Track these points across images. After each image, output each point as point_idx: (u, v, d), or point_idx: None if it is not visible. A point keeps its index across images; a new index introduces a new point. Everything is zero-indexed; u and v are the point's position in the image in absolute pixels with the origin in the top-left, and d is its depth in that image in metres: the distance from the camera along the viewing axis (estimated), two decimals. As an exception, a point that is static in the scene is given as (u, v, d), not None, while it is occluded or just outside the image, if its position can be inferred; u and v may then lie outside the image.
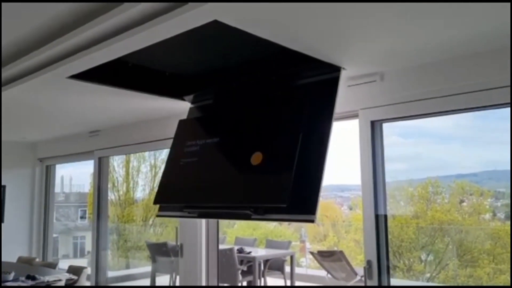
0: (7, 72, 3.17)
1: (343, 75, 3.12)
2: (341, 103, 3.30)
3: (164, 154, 11.86)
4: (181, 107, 4.17)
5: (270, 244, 8.01)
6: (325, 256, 6.51)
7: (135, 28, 2.25)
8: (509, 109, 2.67)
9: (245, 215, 2.85)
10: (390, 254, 3.20)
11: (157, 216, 3.56)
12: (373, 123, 3.18)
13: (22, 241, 6.53)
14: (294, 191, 2.60)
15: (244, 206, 2.82)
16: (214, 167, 3.24)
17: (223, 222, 14.36)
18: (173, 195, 3.43)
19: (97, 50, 2.52)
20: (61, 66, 2.82)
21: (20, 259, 5.79)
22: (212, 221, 4.33)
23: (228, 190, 3.02)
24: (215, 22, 2.10)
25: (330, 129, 2.74)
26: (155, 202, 3.58)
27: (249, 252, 6.76)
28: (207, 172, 3.27)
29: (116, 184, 11.79)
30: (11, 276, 4.39)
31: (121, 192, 12.04)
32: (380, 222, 3.14)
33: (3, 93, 3.54)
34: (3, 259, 5.58)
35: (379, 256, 3.10)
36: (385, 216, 3.17)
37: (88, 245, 12.27)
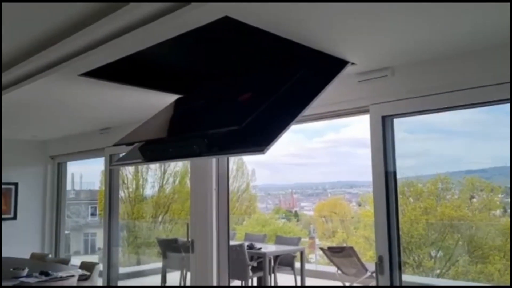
0: (18, 71, 3.21)
1: (354, 70, 3.13)
2: (351, 99, 3.31)
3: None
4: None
5: (280, 240, 8.03)
6: (335, 252, 6.51)
7: (146, 25, 2.27)
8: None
9: (194, 151, 2.70)
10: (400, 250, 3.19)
11: (111, 166, 3.48)
12: (384, 118, 3.17)
13: (35, 238, 6.60)
14: (255, 129, 2.52)
15: (198, 135, 2.69)
16: (187, 113, 3.25)
17: (232, 219, 14.41)
18: (133, 136, 3.35)
19: (109, 48, 2.54)
20: (73, 63, 2.85)
21: (33, 256, 5.86)
22: (223, 216, 4.35)
23: (188, 123, 2.97)
24: (224, 19, 2.12)
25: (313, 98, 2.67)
26: (114, 144, 3.47)
27: (260, 248, 6.78)
28: (179, 118, 3.25)
29: (125, 181, 11.90)
30: (25, 272, 4.45)
31: (130, 189, 12.14)
32: (392, 219, 3.13)
33: (14, 92, 3.58)
34: (16, 256, 5.65)
35: (390, 251, 3.09)
36: (397, 213, 3.16)
37: (99, 242, 12.42)
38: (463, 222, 8.76)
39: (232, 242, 6.09)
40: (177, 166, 12.07)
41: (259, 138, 2.44)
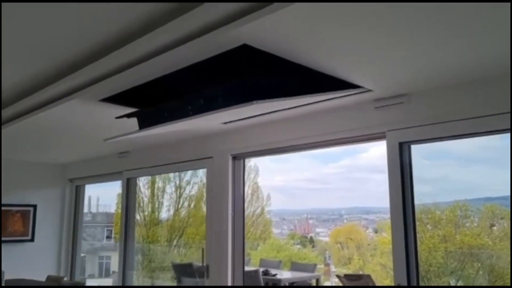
0: (41, 96, 3.29)
1: (370, 97, 3.15)
2: (368, 125, 3.32)
3: (188, 175, 12.01)
4: (210, 128, 4.24)
5: (295, 267, 7.93)
6: (352, 280, 6.39)
7: (166, 53, 2.33)
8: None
9: (187, 112, 2.73)
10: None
11: (105, 140, 3.53)
12: (401, 144, 3.16)
13: (51, 260, 6.62)
14: (249, 91, 2.57)
15: (194, 96, 2.69)
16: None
17: (247, 244, 14.30)
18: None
19: (129, 74, 2.61)
20: (94, 89, 2.92)
21: (49, 278, 5.88)
22: (239, 241, 4.33)
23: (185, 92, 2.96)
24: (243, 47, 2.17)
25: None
26: (117, 117, 3.52)
27: (275, 275, 6.70)
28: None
29: (141, 205, 11.95)
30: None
31: (146, 213, 12.18)
32: (410, 246, 3.08)
33: (35, 117, 3.67)
34: (33, 278, 5.67)
35: (409, 280, 3.03)
36: (415, 241, 3.11)
37: (113, 265, 12.40)
38: (484, 250, 8.54)
39: (246, 268, 6.05)
40: (193, 190, 12.10)
41: (251, 96, 2.52)
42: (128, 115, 3.41)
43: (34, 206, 6.47)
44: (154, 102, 3.43)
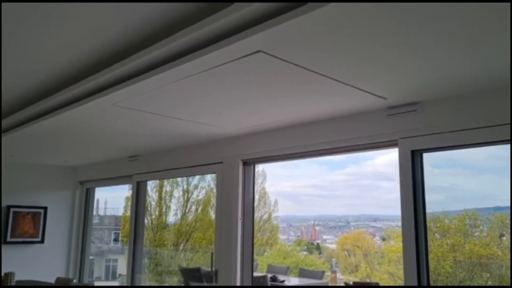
0: (56, 99, 3.32)
1: (383, 104, 3.15)
2: (380, 133, 3.32)
3: (196, 179, 12.04)
4: (221, 133, 4.26)
5: (303, 273, 7.92)
6: (360, 288, 6.36)
7: (181, 59, 2.35)
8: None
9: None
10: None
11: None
12: (413, 152, 3.16)
13: (61, 262, 6.66)
14: None
15: None
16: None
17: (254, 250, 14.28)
18: None
19: (145, 79, 2.63)
20: (109, 93, 2.94)
21: (57, 280, 5.90)
22: (248, 247, 4.33)
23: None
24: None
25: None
26: None
27: (283, 281, 6.68)
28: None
29: (149, 208, 11.99)
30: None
31: (153, 216, 12.22)
32: (421, 256, 3.07)
33: (49, 120, 3.70)
34: (42, 279, 5.71)
35: (419, 289, 3.02)
36: (426, 250, 3.09)
37: (120, 268, 12.42)
38: (493, 260, 8.47)
39: (255, 274, 6.04)
40: (200, 194, 12.13)
41: None
42: None
43: (45, 208, 6.52)
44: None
